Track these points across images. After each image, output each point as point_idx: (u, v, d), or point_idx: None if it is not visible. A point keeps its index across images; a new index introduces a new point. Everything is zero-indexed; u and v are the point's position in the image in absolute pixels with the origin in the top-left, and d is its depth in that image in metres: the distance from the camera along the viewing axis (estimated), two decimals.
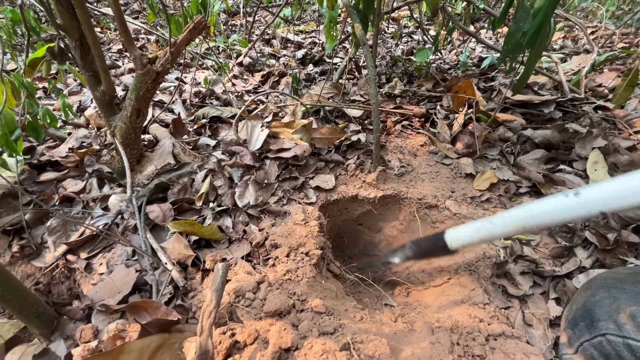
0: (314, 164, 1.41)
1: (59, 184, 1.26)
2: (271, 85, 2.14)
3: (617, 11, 3.52)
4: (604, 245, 1.00)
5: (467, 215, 1.26)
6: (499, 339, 0.82)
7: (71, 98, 1.84)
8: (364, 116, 1.72)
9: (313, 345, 0.75)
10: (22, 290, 0.81)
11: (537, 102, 1.63)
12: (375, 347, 0.74)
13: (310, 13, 3.97)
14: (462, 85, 1.71)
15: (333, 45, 1.77)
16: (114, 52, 2.55)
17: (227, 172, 1.31)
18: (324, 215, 1.26)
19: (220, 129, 1.61)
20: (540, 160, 1.39)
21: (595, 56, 1.82)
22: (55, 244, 1.08)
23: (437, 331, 0.84)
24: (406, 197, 1.35)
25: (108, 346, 0.75)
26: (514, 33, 1.22)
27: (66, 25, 1.04)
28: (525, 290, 0.97)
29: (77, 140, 1.46)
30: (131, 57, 1.08)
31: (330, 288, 0.99)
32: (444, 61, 2.59)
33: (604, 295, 0.72)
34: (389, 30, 3.36)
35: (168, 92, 1.94)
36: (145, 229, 1.07)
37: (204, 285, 0.96)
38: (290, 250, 1.03)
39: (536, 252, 1.09)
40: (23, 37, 2.17)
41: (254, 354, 0.74)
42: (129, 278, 0.95)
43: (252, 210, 1.19)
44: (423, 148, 1.59)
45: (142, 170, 1.31)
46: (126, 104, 1.17)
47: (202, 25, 1.13)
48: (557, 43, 2.91)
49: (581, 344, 0.71)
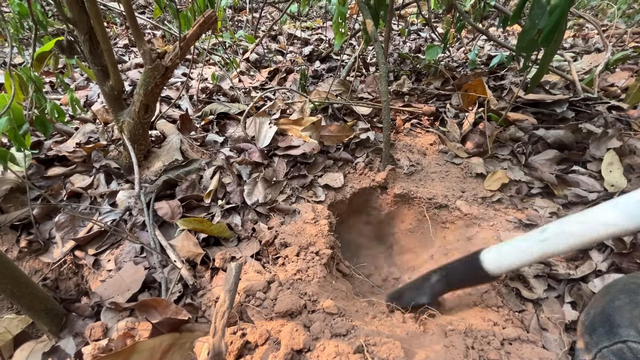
0: (322, 162, 1.39)
1: (66, 179, 1.25)
2: (278, 82, 2.12)
3: (628, 10, 3.46)
4: (621, 248, 0.98)
5: (479, 216, 1.24)
6: (514, 343, 0.80)
7: (78, 92, 1.83)
8: (373, 114, 1.70)
9: (325, 347, 0.74)
10: (32, 287, 0.80)
11: (549, 102, 1.60)
12: (389, 349, 0.72)
13: (316, 9, 3.94)
14: (473, 83, 1.69)
15: (342, 41, 1.74)
16: (120, 47, 2.54)
17: (236, 169, 1.30)
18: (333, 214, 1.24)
19: (228, 126, 1.60)
20: (552, 160, 1.37)
21: (609, 55, 1.78)
22: (63, 239, 1.07)
23: (451, 334, 0.82)
24: (416, 196, 1.34)
25: (118, 345, 0.74)
26: (528, 30, 1.19)
27: (75, 19, 1.02)
28: (539, 294, 0.95)
29: (84, 135, 1.45)
30: (140, 52, 1.07)
31: (340, 288, 0.98)
32: (452, 59, 2.56)
33: (625, 300, 0.70)
34: (396, 28, 3.32)
35: (175, 88, 1.93)
36: (154, 226, 1.06)
37: (214, 283, 0.95)
38: (301, 250, 1.02)
39: None
40: (30, 31, 2.16)
41: (265, 355, 0.73)
42: (138, 275, 0.94)
43: (261, 208, 1.18)
44: (432, 147, 1.57)
45: (150, 167, 1.30)
46: (134, 99, 1.15)
47: (212, 20, 1.11)
48: (567, 42, 2.87)
49: (599, 350, 0.69)
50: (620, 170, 1.21)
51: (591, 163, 1.31)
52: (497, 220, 1.21)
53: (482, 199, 1.30)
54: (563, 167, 1.34)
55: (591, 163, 1.31)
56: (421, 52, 2.61)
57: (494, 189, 1.32)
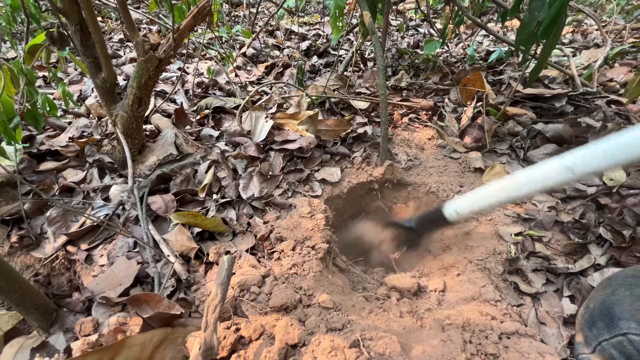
0: (319, 157, 1.37)
1: (59, 174, 1.23)
2: (275, 77, 2.10)
3: (627, 6, 3.44)
4: (620, 242, 0.97)
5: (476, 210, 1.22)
6: (512, 337, 0.79)
7: (72, 87, 1.80)
8: (370, 108, 1.69)
9: (321, 341, 0.72)
10: (21, 282, 0.79)
11: (548, 96, 1.59)
12: (385, 344, 0.71)
13: (314, 4, 3.91)
14: (472, 78, 1.67)
15: (339, 36, 1.72)
16: (115, 42, 2.51)
17: (231, 164, 1.28)
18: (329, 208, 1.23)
19: (223, 120, 1.58)
20: (551, 154, 1.35)
21: (609, 49, 1.77)
22: (55, 234, 1.05)
23: (448, 328, 0.81)
24: (414, 188, 1.32)
25: (109, 340, 0.72)
26: (528, 23, 1.18)
27: (66, 9, 1.00)
28: (537, 288, 0.94)
29: (77, 130, 1.43)
30: (133, 43, 1.05)
31: (337, 283, 0.97)
32: (450, 54, 2.54)
33: (625, 293, 0.69)
34: (395, 23, 3.30)
35: (170, 82, 1.90)
36: (147, 220, 1.05)
37: (207, 278, 0.94)
38: (296, 244, 1.00)
39: (548, 248, 1.06)
40: (23, 25, 2.13)
41: (259, 349, 0.72)
42: (131, 270, 0.92)
43: (256, 203, 1.16)
44: (430, 141, 1.56)
45: (144, 161, 1.28)
46: (128, 92, 1.13)
47: (206, 11, 1.09)
48: (566, 37, 2.86)
49: (599, 343, 0.68)
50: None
51: None
52: (496, 215, 1.19)
53: None
54: None
55: None
56: (419, 48, 2.59)
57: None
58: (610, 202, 1.11)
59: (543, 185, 0.80)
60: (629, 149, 0.67)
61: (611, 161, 0.69)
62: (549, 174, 0.78)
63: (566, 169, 0.74)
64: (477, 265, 1.03)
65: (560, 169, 0.75)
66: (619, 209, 1.07)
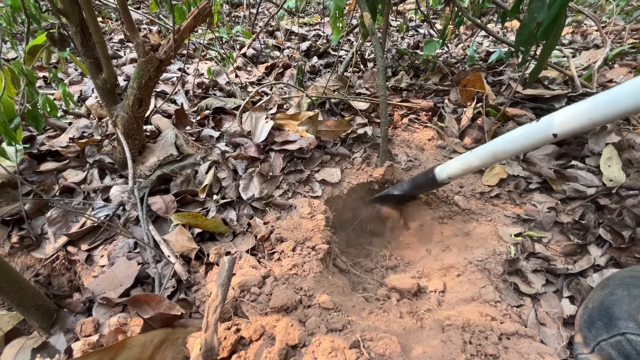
0: (319, 157, 1.38)
1: (59, 174, 1.23)
2: (275, 77, 2.10)
3: (627, 7, 3.45)
4: (619, 243, 0.97)
5: (476, 211, 1.23)
6: (512, 338, 0.80)
7: (72, 88, 1.80)
8: (371, 109, 1.69)
9: (321, 342, 0.72)
10: (21, 282, 0.79)
11: (548, 97, 1.59)
12: (385, 345, 0.71)
13: (314, 5, 3.92)
14: (471, 78, 1.67)
15: (339, 36, 1.72)
16: (115, 42, 2.51)
17: (231, 164, 1.28)
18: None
19: (224, 121, 1.58)
20: (551, 155, 1.36)
21: (608, 50, 1.77)
22: (56, 235, 1.05)
23: (448, 329, 0.81)
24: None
25: (109, 340, 0.73)
26: (527, 24, 1.18)
27: (66, 9, 1.00)
28: (537, 289, 0.94)
29: (78, 130, 1.43)
30: (133, 44, 1.05)
31: (337, 283, 0.97)
32: (450, 55, 2.55)
33: (623, 293, 0.69)
34: (395, 24, 3.30)
35: (170, 83, 1.91)
36: (148, 221, 1.05)
37: (208, 279, 0.94)
38: (297, 245, 1.01)
39: (548, 249, 1.07)
40: (23, 25, 2.13)
41: (259, 350, 0.72)
42: (131, 271, 0.92)
43: (256, 203, 1.17)
44: (430, 142, 1.56)
45: (144, 161, 1.28)
46: (128, 92, 1.14)
47: (206, 12, 1.09)
48: (565, 38, 2.86)
49: (598, 343, 0.69)
50: (619, 165, 1.20)
51: (590, 158, 1.30)
52: (495, 215, 1.20)
53: (480, 194, 1.29)
54: (561, 162, 1.33)
55: (590, 158, 1.30)
56: (419, 49, 2.59)
57: (492, 184, 1.31)
58: (609, 203, 1.12)
59: (525, 144, 0.85)
60: (605, 106, 0.71)
61: (589, 121, 0.73)
62: (529, 134, 0.83)
63: (546, 127, 0.80)
64: (477, 266, 1.03)
65: (540, 128, 0.81)
66: (619, 210, 1.07)
